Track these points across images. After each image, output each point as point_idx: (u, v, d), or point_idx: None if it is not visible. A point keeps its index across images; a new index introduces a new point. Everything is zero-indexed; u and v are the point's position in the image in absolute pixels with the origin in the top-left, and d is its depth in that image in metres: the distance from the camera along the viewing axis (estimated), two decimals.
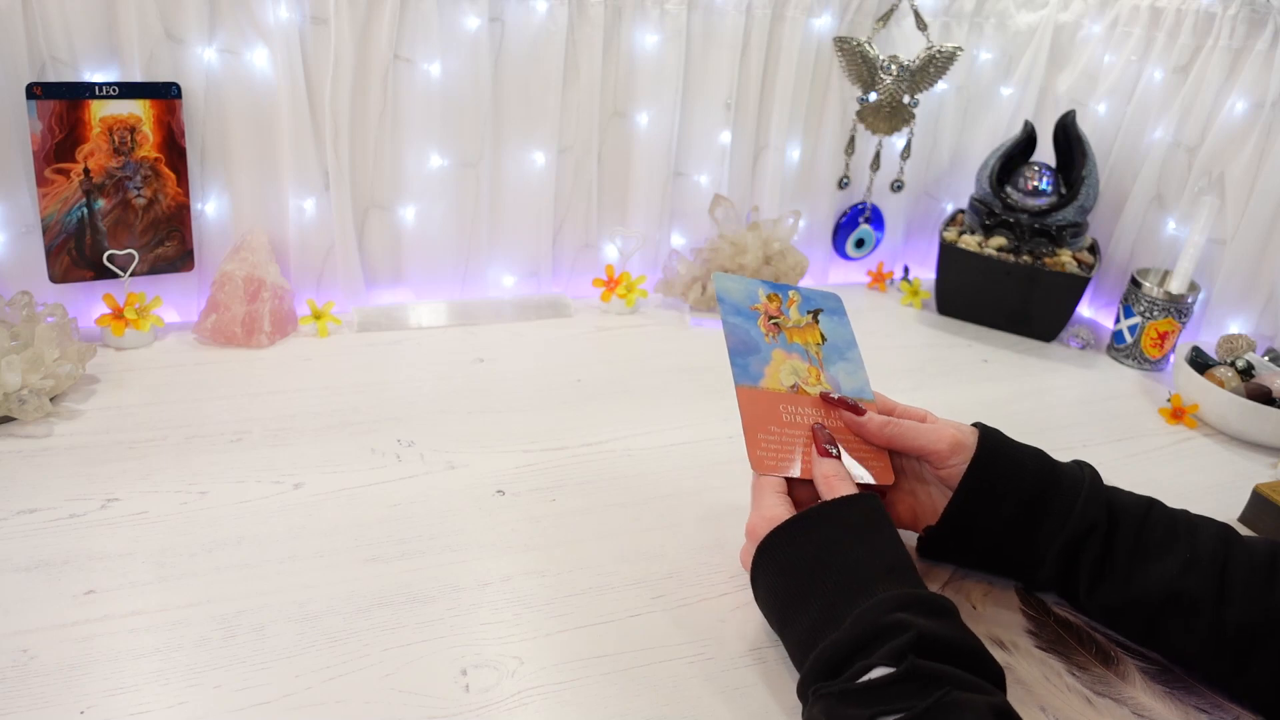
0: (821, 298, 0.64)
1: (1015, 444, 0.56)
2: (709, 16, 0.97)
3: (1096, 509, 0.52)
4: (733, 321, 0.58)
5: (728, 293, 0.59)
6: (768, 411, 0.55)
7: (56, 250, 0.79)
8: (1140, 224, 1.06)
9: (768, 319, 0.59)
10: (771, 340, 0.58)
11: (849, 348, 0.62)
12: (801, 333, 0.60)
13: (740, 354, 0.56)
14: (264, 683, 0.47)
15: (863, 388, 0.60)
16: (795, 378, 0.58)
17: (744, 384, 0.55)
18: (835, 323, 0.63)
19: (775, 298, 0.61)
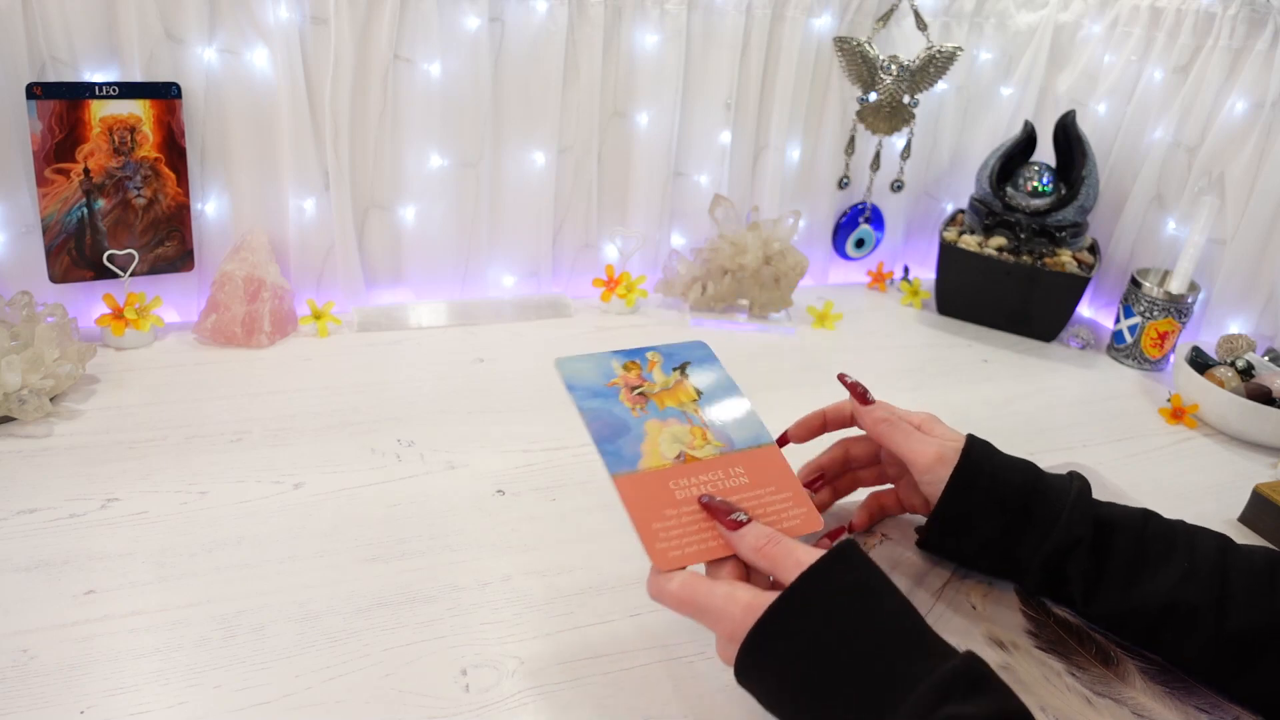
0: (685, 350, 0.57)
1: (1001, 460, 0.55)
2: (709, 16, 0.97)
3: (1081, 523, 0.52)
4: (590, 406, 0.50)
5: (577, 376, 0.52)
6: (657, 495, 0.47)
7: (56, 250, 0.79)
8: (1140, 224, 1.06)
9: (630, 391, 0.52)
10: (640, 413, 0.51)
11: (729, 392, 0.55)
12: (673, 393, 0.53)
13: (608, 439, 0.49)
14: (264, 683, 0.47)
15: (759, 433, 0.53)
16: (679, 445, 0.50)
17: (621, 472, 0.47)
18: (706, 371, 0.56)
19: (633, 365, 0.54)
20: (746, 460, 0.51)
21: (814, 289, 1.13)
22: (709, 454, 0.51)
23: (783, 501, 0.50)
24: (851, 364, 0.94)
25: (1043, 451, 0.77)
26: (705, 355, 0.57)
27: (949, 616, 0.55)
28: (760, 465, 0.51)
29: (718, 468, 0.50)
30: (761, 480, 0.50)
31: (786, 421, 0.68)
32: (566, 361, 0.52)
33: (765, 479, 0.51)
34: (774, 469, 0.51)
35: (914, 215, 1.22)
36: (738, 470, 0.50)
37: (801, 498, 0.50)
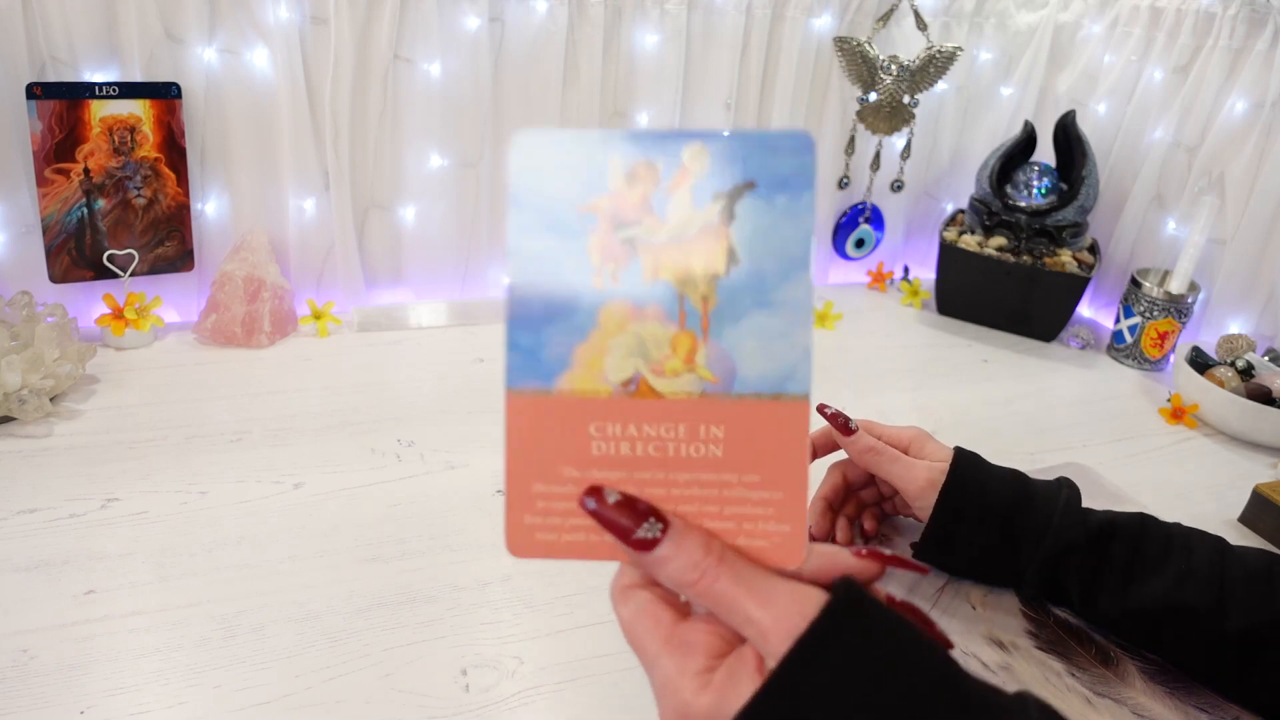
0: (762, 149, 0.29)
1: (989, 474, 0.55)
2: (709, 16, 0.97)
3: (1072, 530, 0.52)
4: (526, 250, 0.29)
5: (536, 175, 0.29)
6: (562, 439, 0.30)
7: (57, 250, 0.79)
8: (1140, 224, 1.06)
9: (612, 231, 0.29)
10: (609, 282, 0.29)
11: (787, 276, 0.29)
12: (683, 250, 0.29)
13: (529, 323, 0.29)
14: (264, 682, 0.47)
15: (790, 374, 0.29)
16: (638, 361, 0.30)
17: (524, 386, 0.29)
18: (778, 215, 0.29)
19: (647, 169, 0.29)
20: (738, 417, 0.30)
21: (814, 289, 1.12)
22: (681, 390, 0.30)
23: (763, 503, 0.30)
24: (851, 364, 0.94)
25: (1043, 451, 0.77)
26: (794, 174, 0.29)
27: (948, 619, 0.55)
28: (757, 433, 0.30)
29: (683, 418, 0.30)
30: (745, 459, 0.30)
31: None
32: (532, 139, 0.29)
33: (753, 458, 0.30)
34: (777, 446, 0.30)
35: (914, 215, 1.22)
36: (713, 431, 0.30)
37: (795, 507, 0.30)
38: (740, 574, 0.29)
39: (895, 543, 0.62)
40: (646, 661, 0.30)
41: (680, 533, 0.29)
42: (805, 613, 0.27)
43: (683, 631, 0.29)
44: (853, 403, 0.67)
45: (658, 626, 0.30)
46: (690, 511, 0.30)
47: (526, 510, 0.30)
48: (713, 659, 0.28)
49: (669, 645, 0.29)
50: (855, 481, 0.61)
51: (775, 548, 0.30)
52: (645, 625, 0.30)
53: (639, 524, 0.29)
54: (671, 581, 0.29)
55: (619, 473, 0.30)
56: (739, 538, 0.30)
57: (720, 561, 0.29)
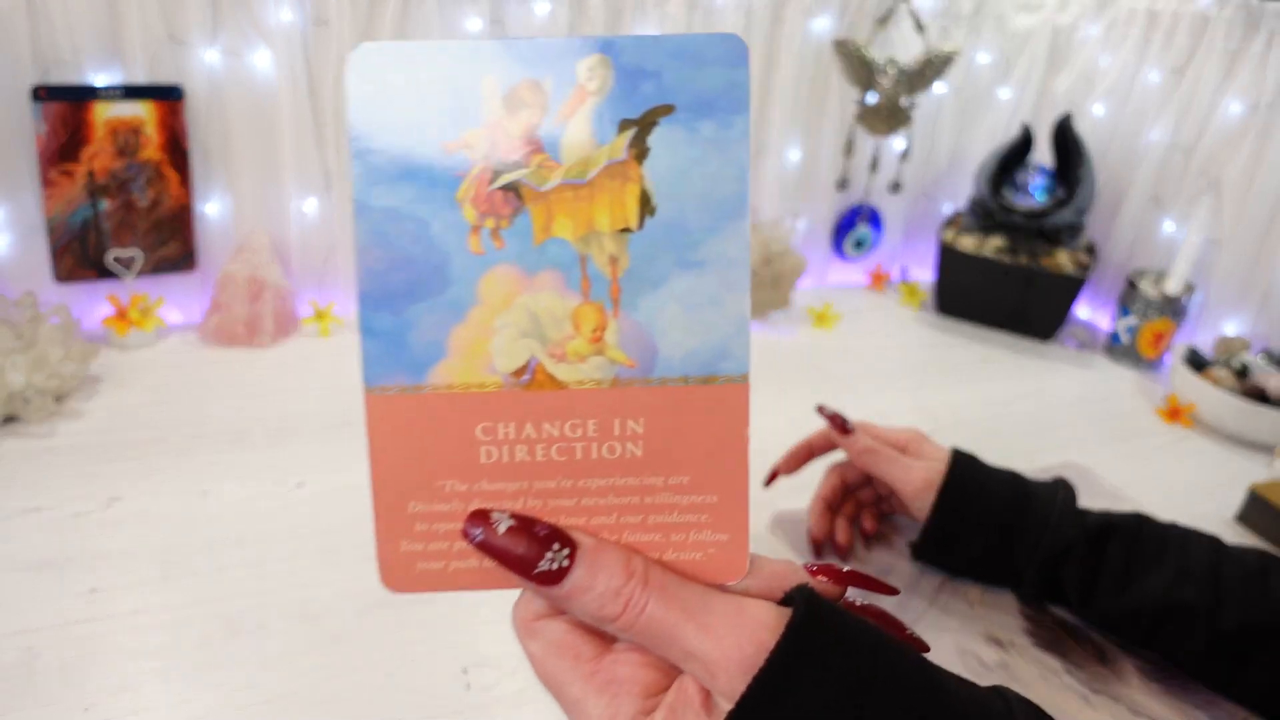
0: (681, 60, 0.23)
1: (986, 475, 0.55)
2: (709, 17, 0.97)
3: (1070, 530, 0.53)
4: (385, 202, 0.23)
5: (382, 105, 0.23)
6: (441, 445, 0.25)
7: (61, 251, 0.79)
8: (1137, 225, 1.06)
9: (492, 172, 0.23)
10: (489, 245, 0.24)
11: (717, 227, 0.24)
12: (584, 197, 0.23)
13: (390, 300, 0.24)
14: (266, 681, 0.47)
15: (723, 352, 0.24)
16: (533, 342, 0.24)
17: (387, 385, 0.24)
18: (703, 148, 0.23)
19: (531, 90, 0.23)
20: (661, 408, 0.24)
21: (813, 289, 1.13)
22: (589, 378, 0.24)
23: (694, 509, 0.25)
24: (850, 364, 0.95)
25: (1040, 451, 0.78)
26: (722, 91, 0.23)
27: (946, 618, 0.56)
28: (686, 426, 0.25)
29: (592, 412, 0.24)
30: (672, 458, 0.25)
31: (786, 422, 0.69)
32: (376, 55, 0.23)
33: (681, 457, 0.25)
34: (710, 440, 0.25)
35: (913, 216, 1.22)
36: (630, 425, 0.25)
37: (734, 512, 0.25)
38: (673, 596, 0.24)
39: (894, 542, 0.62)
40: (568, 705, 0.25)
41: (593, 556, 0.24)
42: (759, 639, 0.22)
43: (609, 666, 0.25)
44: (852, 403, 0.67)
45: (578, 663, 0.25)
46: (606, 524, 0.25)
47: (403, 536, 0.25)
48: (649, 698, 0.24)
49: (594, 684, 0.25)
50: (853, 482, 0.62)
51: (711, 560, 0.25)
52: (562, 663, 0.25)
53: (540, 554, 0.24)
54: (589, 616, 0.24)
55: (515, 483, 0.25)
56: (667, 551, 0.25)
57: (646, 584, 0.24)
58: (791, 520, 0.63)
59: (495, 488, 0.25)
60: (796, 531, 0.62)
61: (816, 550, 0.59)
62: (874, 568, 0.59)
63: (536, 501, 0.25)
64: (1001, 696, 0.25)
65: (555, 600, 0.25)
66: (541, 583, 0.24)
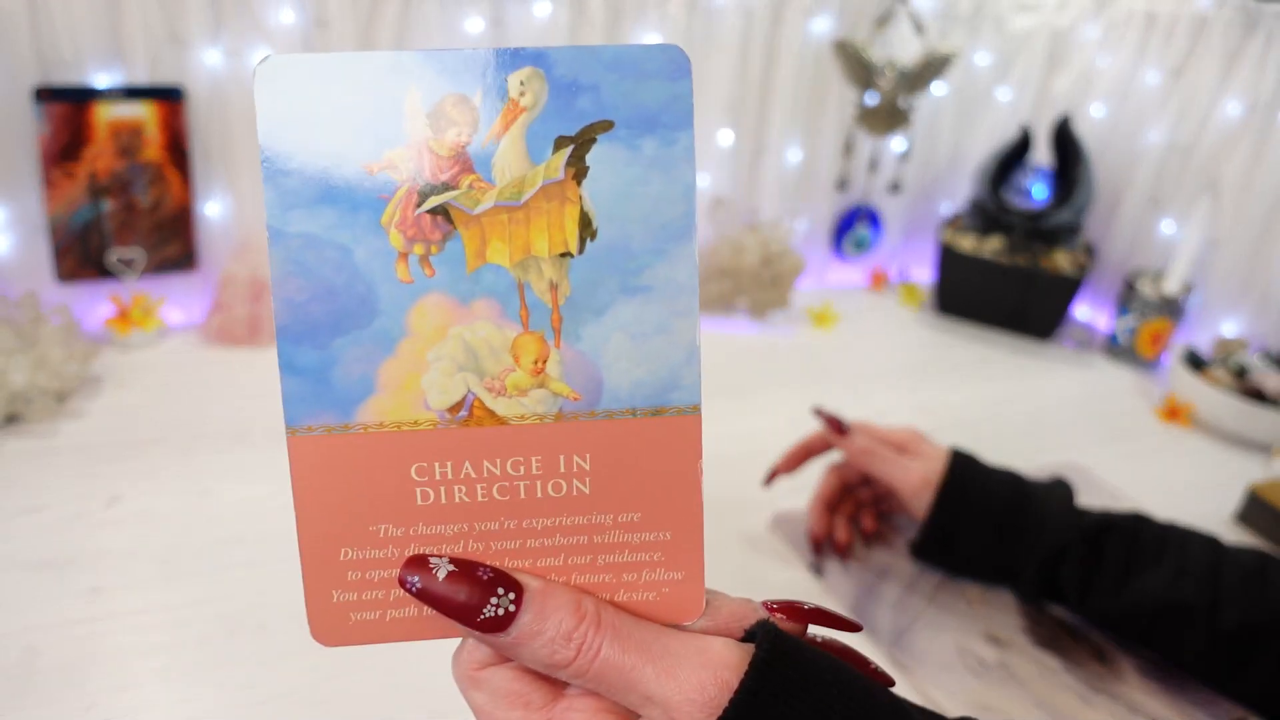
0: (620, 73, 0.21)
1: (985, 474, 0.56)
2: (709, 18, 0.97)
3: (1068, 529, 0.53)
4: (302, 227, 0.22)
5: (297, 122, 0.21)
6: (373, 489, 0.24)
7: (62, 251, 0.79)
8: (1135, 225, 1.07)
9: (413, 204, 0.22)
10: (417, 273, 0.22)
11: (663, 251, 0.22)
12: (519, 220, 0.22)
13: (311, 334, 0.23)
14: (267, 680, 0.47)
15: (673, 382, 0.23)
16: (469, 376, 0.23)
17: (312, 425, 0.24)
18: (646, 166, 0.22)
19: (461, 107, 0.21)
20: (608, 442, 0.23)
21: (813, 290, 1.13)
22: (530, 412, 0.23)
23: (646, 547, 0.24)
24: (850, 364, 0.95)
25: (1039, 451, 0.78)
26: (665, 105, 0.22)
27: (946, 615, 0.56)
28: (635, 461, 0.24)
29: (535, 448, 0.23)
30: (621, 495, 0.24)
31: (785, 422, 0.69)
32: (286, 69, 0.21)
33: (631, 493, 0.24)
34: (662, 475, 0.24)
35: (912, 217, 1.22)
36: (576, 462, 0.23)
37: (688, 550, 0.24)
38: (628, 638, 0.22)
39: (893, 541, 0.62)
40: None
41: (540, 599, 0.22)
42: (721, 678, 0.22)
43: (561, 714, 0.23)
44: (852, 403, 0.67)
45: (529, 712, 0.23)
46: (554, 566, 0.24)
47: (334, 586, 0.24)
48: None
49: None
50: (851, 481, 0.62)
51: (665, 600, 0.24)
52: (512, 714, 0.24)
53: (484, 600, 0.22)
54: (540, 664, 0.23)
55: (455, 525, 0.23)
56: (619, 592, 0.24)
57: (599, 627, 0.22)
58: (791, 520, 0.63)
59: (433, 531, 0.23)
60: (796, 531, 0.62)
61: (816, 549, 0.60)
62: (873, 567, 0.59)
63: (478, 544, 0.24)
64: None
65: (502, 649, 0.23)
66: (486, 630, 0.22)
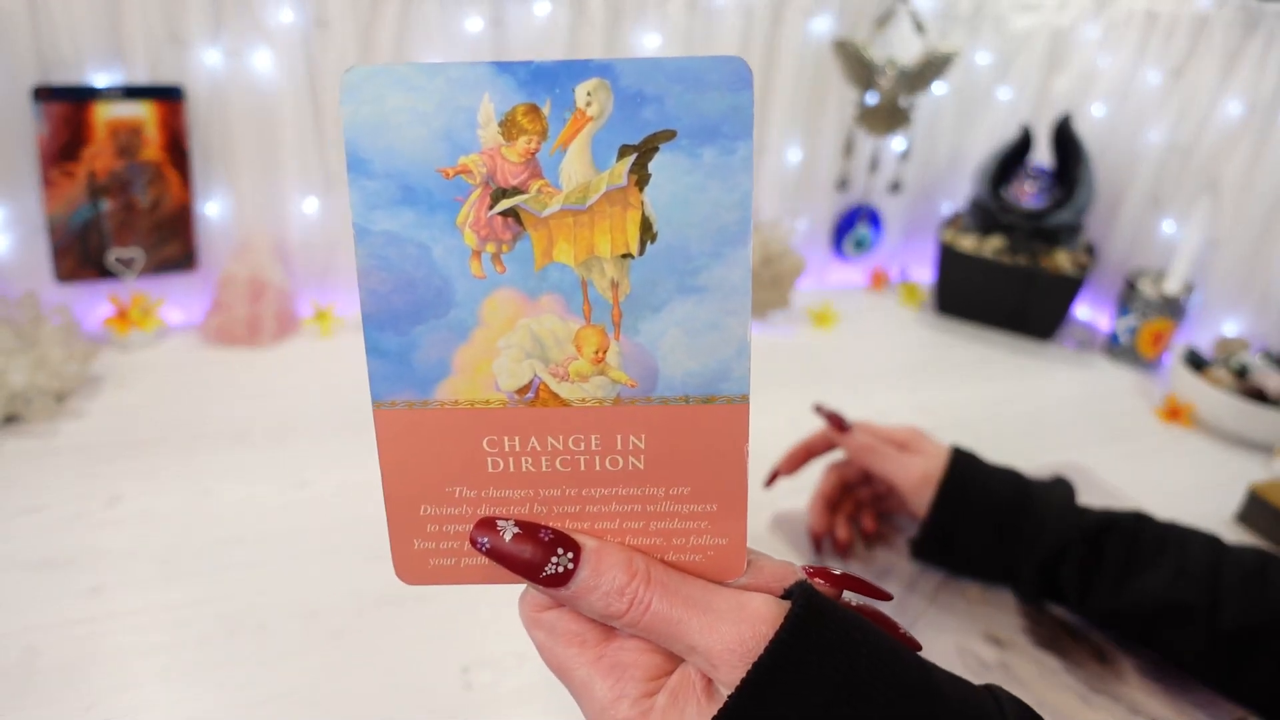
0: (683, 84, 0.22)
1: (985, 472, 0.56)
2: (709, 18, 0.97)
3: (1069, 528, 0.53)
4: (385, 226, 0.24)
5: (380, 128, 0.23)
6: (448, 457, 0.26)
7: (62, 251, 0.79)
8: (1136, 225, 1.06)
9: (486, 204, 0.23)
10: (489, 269, 0.24)
11: (719, 253, 0.24)
12: (584, 223, 0.24)
13: (391, 322, 0.25)
14: (267, 680, 0.47)
15: (723, 373, 0.25)
16: (536, 363, 0.25)
17: (394, 400, 0.25)
18: (705, 174, 0.23)
19: (531, 115, 0.23)
20: (662, 425, 0.25)
21: (813, 290, 1.13)
22: (591, 396, 0.25)
23: (694, 517, 0.26)
24: (850, 364, 0.95)
25: (1039, 451, 0.78)
26: (726, 116, 0.23)
27: (946, 616, 0.56)
28: (686, 442, 0.26)
29: (595, 428, 0.25)
30: (673, 471, 0.26)
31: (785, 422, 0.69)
32: (369, 79, 0.23)
33: (682, 470, 0.26)
34: (710, 456, 0.26)
35: (912, 217, 1.22)
36: (633, 441, 0.25)
37: (733, 519, 0.26)
38: (675, 592, 0.25)
39: (894, 541, 0.62)
40: (575, 688, 0.26)
41: (596, 558, 0.25)
42: (759, 631, 0.24)
43: (613, 652, 0.26)
44: (852, 403, 0.68)
45: (584, 648, 0.26)
46: (610, 530, 0.26)
47: (415, 535, 0.26)
48: (652, 680, 0.26)
49: (600, 668, 0.26)
50: (852, 480, 0.62)
51: (710, 561, 0.26)
52: (569, 650, 0.26)
53: (546, 558, 0.25)
54: (595, 614, 0.25)
55: (522, 490, 0.26)
56: (668, 554, 0.27)
57: (648, 583, 0.25)
58: (791, 520, 0.63)
59: (502, 494, 0.26)
60: (796, 531, 0.62)
61: (816, 547, 0.60)
62: (874, 567, 0.59)
63: (542, 508, 0.26)
64: (994, 696, 0.26)
65: (562, 600, 0.26)
66: (548, 584, 0.25)
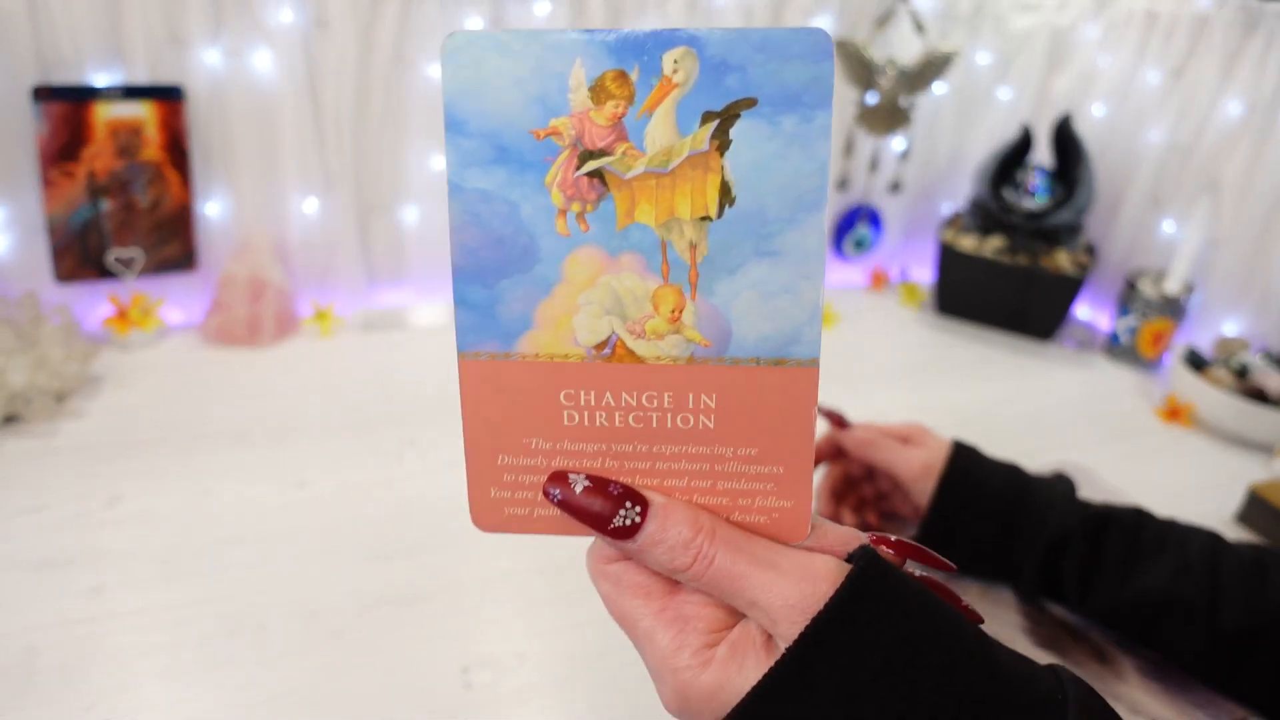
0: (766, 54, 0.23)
1: (987, 465, 0.56)
2: (709, 18, 0.97)
3: (1070, 522, 0.53)
4: (473, 189, 0.25)
5: (476, 91, 0.24)
6: (528, 408, 0.27)
7: (62, 251, 0.79)
8: (1136, 225, 1.06)
9: (573, 166, 0.24)
10: (574, 229, 0.25)
11: (794, 219, 0.24)
12: (666, 185, 0.24)
13: (479, 275, 0.25)
14: (267, 680, 0.47)
15: (795, 336, 0.25)
16: (615, 319, 0.26)
17: (479, 350, 0.26)
18: (785, 142, 0.24)
19: (619, 81, 0.24)
20: (733, 386, 0.26)
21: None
22: (666, 354, 0.26)
23: (760, 478, 0.27)
24: (850, 364, 0.95)
25: (1039, 451, 0.78)
26: (806, 86, 0.23)
27: None
28: (756, 404, 0.26)
29: (668, 385, 0.26)
30: (741, 431, 0.26)
31: None
32: (469, 44, 0.24)
33: (751, 431, 0.26)
34: (779, 418, 0.26)
35: (912, 216, 1.22)
36: (704, 400, 0.26)
37: (799, 482, 0.27)
38: (739, 549, 0.25)
39: None
40: (637, 638, 0.27)
41: (663, 513, 0.26)
42: (819, 589, 0.24)
43: (676, 604, 0.27)
44: (852, 403, 0.68)
45: (649, 600, 0.27)
46: (678, 487, 0.27)
47: (492, 484, 0.28)
48: (713, 633, 0.26)
49: (663, 619, 0.26)
50: (855, 476, 0.62)
51: (774, 523, 0.27)
52: (634, 601, 0.27)
53: (614, 511, 0.26)
54: (661, 567, 0.26)
55: (595, 444, 0.27)
56: (734, 514, 0.27)
57: (713, 539, 0.26)
58: None
59: (577, 447, 0.27)
60: None
61: None
62: None
63: (614, 462, 0.27)
64: (1055, 674, 0.25)
65: (630, 553, 0.27)
66: (616, 536, 0.26)
